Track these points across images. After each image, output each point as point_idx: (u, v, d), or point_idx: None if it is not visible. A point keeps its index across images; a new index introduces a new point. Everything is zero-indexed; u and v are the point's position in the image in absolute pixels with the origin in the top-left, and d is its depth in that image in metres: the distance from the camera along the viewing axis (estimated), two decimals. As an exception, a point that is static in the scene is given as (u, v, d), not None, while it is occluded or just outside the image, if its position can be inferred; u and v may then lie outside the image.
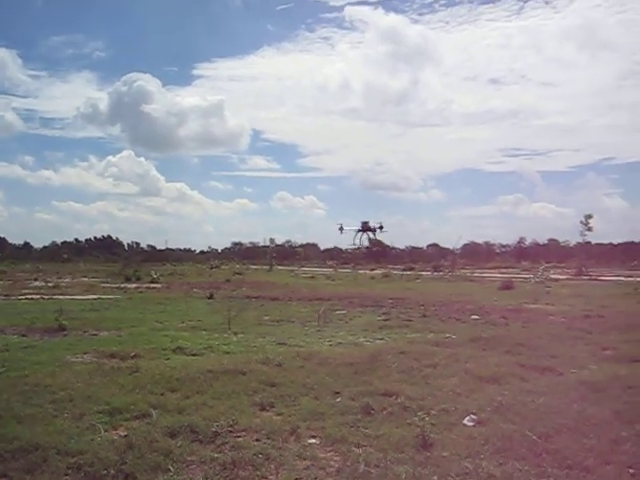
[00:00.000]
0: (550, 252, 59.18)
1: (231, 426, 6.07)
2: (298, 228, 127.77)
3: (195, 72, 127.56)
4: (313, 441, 5.83)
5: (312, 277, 37.05)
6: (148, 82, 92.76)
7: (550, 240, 68.25)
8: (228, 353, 10.07)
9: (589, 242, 41.29)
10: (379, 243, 70.01)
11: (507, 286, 24.65)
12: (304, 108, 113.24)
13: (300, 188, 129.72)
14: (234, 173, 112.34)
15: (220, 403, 6.92)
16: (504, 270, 43.21)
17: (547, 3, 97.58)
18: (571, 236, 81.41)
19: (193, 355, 9.95)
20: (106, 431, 5.93)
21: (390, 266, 49.70)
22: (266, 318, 15.25)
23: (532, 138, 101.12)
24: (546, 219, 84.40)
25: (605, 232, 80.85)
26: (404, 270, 43.67)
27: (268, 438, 5.85)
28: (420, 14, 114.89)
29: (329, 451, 5.57)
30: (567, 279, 31.56)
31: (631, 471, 5.00)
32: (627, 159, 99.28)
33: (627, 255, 56.18)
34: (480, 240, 68.21)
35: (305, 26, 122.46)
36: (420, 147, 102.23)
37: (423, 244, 78.69)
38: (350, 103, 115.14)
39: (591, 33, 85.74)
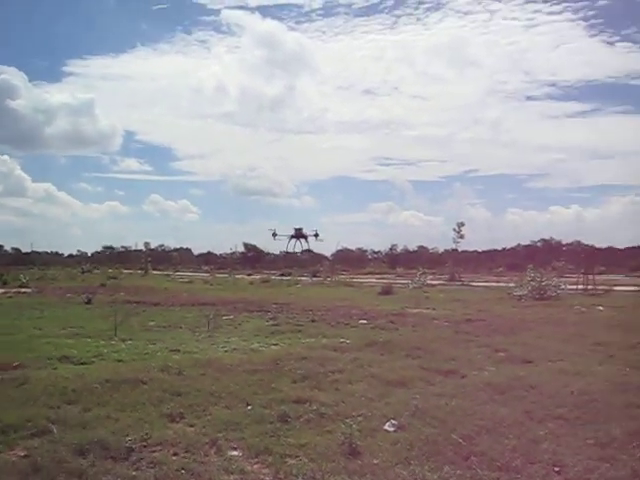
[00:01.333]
0: (420, 258, 62.17)
1: (144, 440, 5.69)
2: (171, 232, 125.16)
3: (66, 68, 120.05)
4: (235, 453, 5.59)
5: (190, 282, 36.35)
6: (13, 76, 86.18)
7: (420, 247, 72.10)
8: (120, 361, 9.59)
9: (456, 250, 43.70)
10: (254, 248, 70.15)
11: (387, 291, 25.46)
12: (179, 110, 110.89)
13: (173, 192, 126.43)
14: (105, 175, 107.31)
15: (126, 415, 6.49)
16: (379, 276, 44.82)
17: (419, 20, 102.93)
18: (439, 243, 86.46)
19: (82, 364, 9.38)
20: (1, 452, 5.31)
21: (266, 271, 49.77)
22: (152, 324, 14.71)
23: (403, 148, 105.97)
24: (416, 226, 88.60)
25: (469, 240, 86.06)
26: (281, 275, 43.95)
27: (187, 452, 5.55)
28: (297, 22, 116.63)
29: (255, 463, 5.37)
30: (441, 284, 33.28)
31: (556, 469, 5.24)
32: (490, 171, 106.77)
33: (492, 261, 60.50)
34: (353, 246, 70.51)
35: (182, 28, 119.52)
36: (295, 154, 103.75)
37: (297, 249, 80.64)
38: (225, 107, 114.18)
39: (459, 51, 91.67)
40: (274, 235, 56.93)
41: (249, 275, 45.25)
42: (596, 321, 15.72)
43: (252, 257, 69.05)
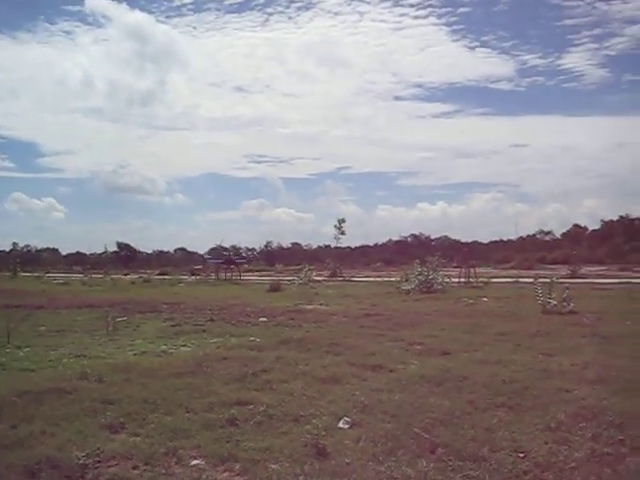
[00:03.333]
0: (295, 255, 62.86)
1: (95, 455, 5.29)
2: (35, 232, 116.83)
3: None
4: (198, 462, 5.35)
5: (66, 283, 34.27)
6: None
7: (294, 244, 72.97)
8: (27, 370, 8.89)
9: (338, 246, 44.62)
10: (127, 247, 67.47)
11: (275, 288, 25.50)
12: (43, 104, 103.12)
13: (38, 189, 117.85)
14: None
15: (62, 429, 6.01)
16: (258, 273, 44.78)
17: (290, 18, 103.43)
18: (311, 239, 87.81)
19: None
20: None
21: (141, 270, 48.10)
22: (43, 329, 13.74)
23: (275, 146, 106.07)
24: (288, 223, 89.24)
25: (340, 237, 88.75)
26: (160, 274, 42.63)
27: (147, 464, 5.23)
28: (167, 16, 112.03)
29: (223, 471, 5.17)
30: (324, 280, 33.85)
31: (521, 455, 5.51)
32: (361, 169, 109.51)
33: (365, 257, 62.42)
34: (227, 244, 69.97)
35: (44, 17, 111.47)
36: (166, 150, 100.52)
37: (170, 248, 79.21)
38: (93, 102, 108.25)
39: (329, 50, 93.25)
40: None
41: (126, 275, 43.54)
42: (488, 312, 16.65)
43: (125, 256, 66.57)
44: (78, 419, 6.41)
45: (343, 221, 42.37)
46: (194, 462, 5.32)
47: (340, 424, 6.35)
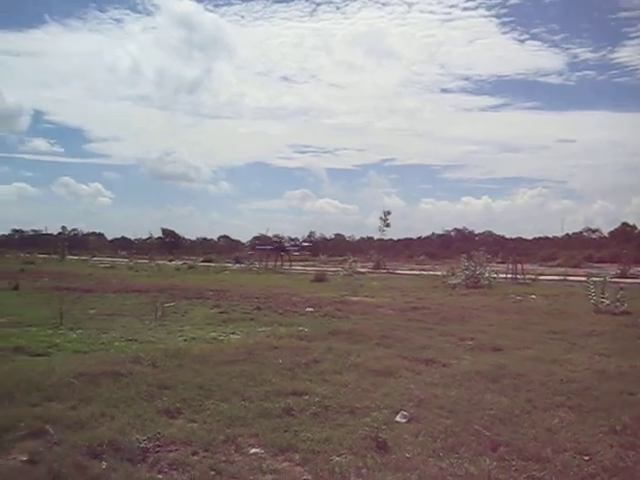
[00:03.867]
0: (338, 246, 62.91)
1: (156, 439, 5.34)
2: (82, 216, 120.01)
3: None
4: (257, 450, 5.35)
5: (112, 267, 35.02)
6: None
7: (336, 235, 73.02)
8: (80, 352, 9.05)
9: (382, 238, 44.39)
10: (172, 233, 68.50)
11: (320, 279, 25.51)
12: (92, 91, 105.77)
13: (85, 174, 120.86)
14: (11, 155, 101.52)
15: (121, 412, 6.08)
16: (302, 263, 44.85)
17: (338, 9, 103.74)
18: (354, 231, 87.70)
19: (39, 355, 8.84)
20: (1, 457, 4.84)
21: (186, 257, 48.76)
22: (93, 312, 14.05)
23: (321, 136, 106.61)
24: (331, 214, 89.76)
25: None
26: (204, 262, 43.14)
27: (206, 450, 5.26)
28: (216, 5, 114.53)
29: (283, 461, 5.16)
30: (369, 272, 33.77)
31: (586, 458, 5.37)
32: (405, 161, 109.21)
33: (408, 250, 62.07)
34: (270, 233, 70.19)
35: (95, 4, 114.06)
36: (211, 138, 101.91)
37: (213, 236, 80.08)
38: (141, 89, 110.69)
39: (377, 41, 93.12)
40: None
41: (171, 261, 44.20)
42: (537, 309, 16.37)
43: (170, 242, 67.47)
44: (135, 403, 6.47)
45: (389, 213, 42.19)
46: (253, 450, 5.33)
47: (397, 418, 6.29)
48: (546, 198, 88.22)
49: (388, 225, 41.38)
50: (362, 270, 33.24)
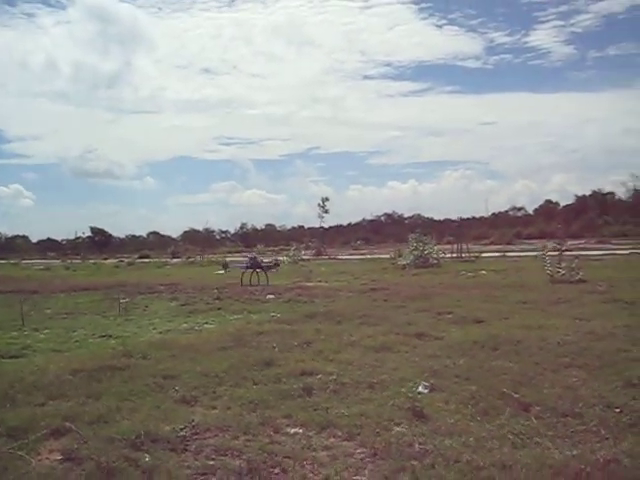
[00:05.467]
0: (270, 236, 62.77)
1: (190, 428, 5.19)
2: (3, 219, 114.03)
3: None
4: (297, 430, 5.27)
5: (47, 269, 33.60)
6: None
7: (267, 225, 72.83)
8: (58, 351, 8.81)
9: (302, 226, 44.53)
10: (101, 232, 66.53)
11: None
12: (5, 88, 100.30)
13: (4, 176, 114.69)
14: None
15: (138, 405, 5.88)
16: (239, 254, 44.49)
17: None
18: (284, 220, 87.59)
19: (14, 357, 8.46)
20: (26, 458, 4.57)
21: (118, 255, 47.52)
22: (49, 312, 13.56)
23: (245, 127, 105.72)
24: (259, 205, 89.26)
25: (311, 217, 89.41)
26: (140, 258, 42.12)
27: (246, 434, 5.13)
28: None
29: (329, 437, 5.08)
30: (311, 259, 33.85)
31: (617, 410, 5.56)
32: (331, 149, 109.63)
33: (341, 236, 62.55)
34: (199, 227, 69.49)
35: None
36: (134, 134, 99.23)
37: (142, 232, 78.01)
38: (58, 85, 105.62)
39: (297, 30, 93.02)
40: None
41: (105, 259, 42.90)
42: (494, 284, 16.80)
43: (100, 241, 65.51)
44: (148, 395, 6.27)
45: (327, 200, 42.44)
46: (293, 430, 5.23)
47: (420, 389, 6.31)
48: (470, 179, 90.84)
49: (327, 212, 41.58)
50: (306, 257, 33.30)
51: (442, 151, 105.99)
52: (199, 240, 53.66)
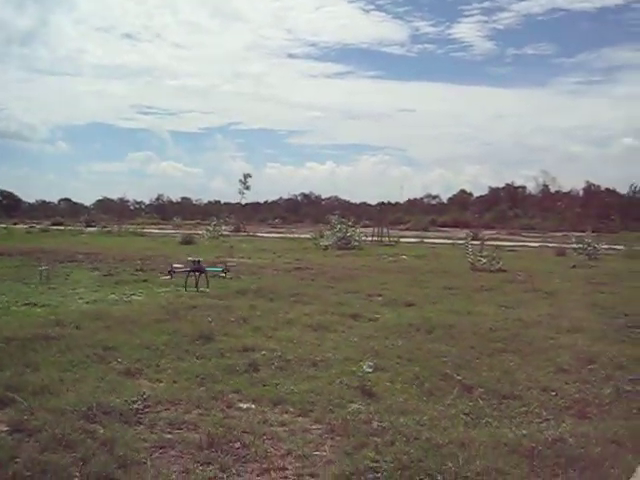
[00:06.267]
0: (185, 210, 61.74)
1: (141, 400, 5.12)
2: None
3: None
4: (249, 405, 5.28)
5: None
6: None
7: (183, 198, 71.48)
8: None
9: (219, 201, 44.11)
10: (10, 195, 63.11)
11: (188, 241, 25.17)
12: None
13: None
14: None
15: (81, 376, 5.77)
16: (156, 227, 43.47)
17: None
18: (200, 194, 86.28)
19: None
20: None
21: (28, 220, 45.44)
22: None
23: (165, 97, 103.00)
24: (175, 177, 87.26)
25: (228, 192, 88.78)
26: (53, 225, 40.44)
27: (198, 407, 5.12)
28: None
29: (283, 413, 5.13)
30: (231, 235, 33.59)
31: (553, 393, 5.89)
32: (251, 125, 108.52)
33: (257, 213, 62.30)
34: (114, 196, 67.30)
35: None
36: (48, 95, 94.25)
37: (52, 198, 74.46)
38: None
39: (223, 2, 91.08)
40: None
41: (15, 224, 40.89)
42: (416, 269, 17.23)
43: (8, 205, 62.18)
44: (90, 366, 6.16)
45: (249, 176, 42.15)
46: (245, 406, 5.25)
47: (365, 368, 6.44)
48: (387, 165, 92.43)
49: (248, 188, 41.29)
50: (225, 233, 33.03)
51: (361, 135, 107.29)
52: (113, 210, 52.20)
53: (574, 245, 22.08)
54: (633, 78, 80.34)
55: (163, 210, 63.68)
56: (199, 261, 12.26)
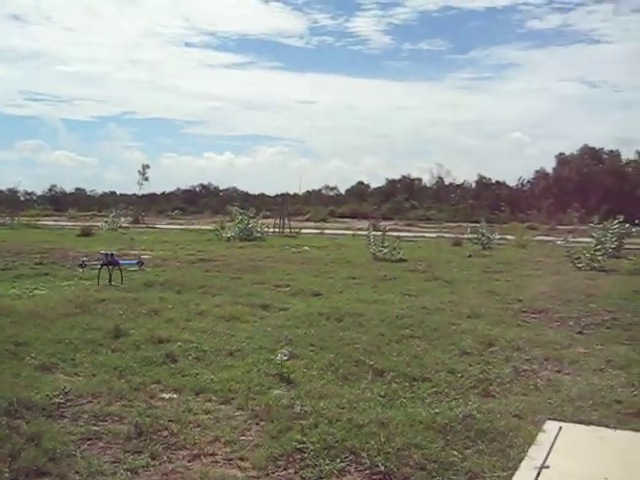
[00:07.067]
0: (79, 201, 59.50)
1: (62, 395, 5.11)
2: None
3: None
4: (172, 395, 5.38)
5: None
6: None
7: (77, 189, 68.64)
8: None
9: (114, 192, 43.10)
10: None
11: (87, 233, 24.46)
12: None
13: None
14: None
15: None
16: (49, 218, 41.61)
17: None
18: (94, 185, 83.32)
19: None
20: None
21: None
22: None
23: (56, 84, 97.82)
24: (68, 167, 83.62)
25: (124, 183, 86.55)
26: None
27: (121, 399, 5.17)
28: None
29: (205, 402, 5.27)
30: (130, 226, 32.81)
31: (459, 375, 6.32)
32: (147, 114, 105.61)
33: (155, 205, 60.91)
34: (2, 187, 63.68)
35: None
36: None
37: None
38: None
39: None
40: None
41: None
42: (320, 259, 17.50)
43: None
44: (1, 362, 6.07)
45: (147, 167, 41.30)
46: (168, 396, 5.35)
47: (280, 356, 6.62)
48: (286, 156, 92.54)
49: (147, 179, 40.43)
50: (125, 225, 32.25)
51: (260, 126, 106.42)
52: (2, 201, 49.51)
53: (469, 235, 23.13)
54: (521, 76, 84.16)
55: (57, 201, 61.14)
56: (112, 254, 12.01)
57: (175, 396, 5.35)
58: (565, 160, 59.90)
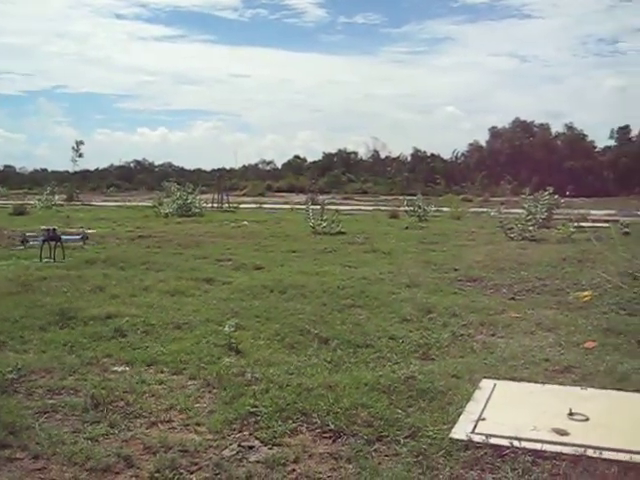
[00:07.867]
0: (9, 178, 57.41)
1: (17, 370, 5.16)
2: None
3: None
4: (124, 368, 5.50)
5: None
6: None
7: (6, 166, 66.11)
8: None
9: (46, 169, 42.01)
10: None
11: (21, 211, 23.83)
12: None
13: None
14: None
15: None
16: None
17: None
18: (23, 162, 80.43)
19: None
20: None
21: None
22: None
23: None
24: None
25: (55, 160, 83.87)
26: None
27: (73, 373, 5.26)
28: None
29: (157, 373, 5.41)
30: (64, 204, 32.07)
31: (400, 340, 6.64)
32: (78, 89, 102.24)
33: (88, 182, 59.40)
34: None
35: None
36: None
37: None
38: None
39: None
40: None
41: None
42: (259, 234, 17.59)
43: None
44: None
45: (81, 143, 40.35)
46: (120, 369, 5.46)
47: (226, 328, 6.77)
48: (221, 131, 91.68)
49: (81, 155, 39.45)
50: (60, 203, 31.51)
51: (194, 100, 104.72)
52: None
53: (406, 208, 23.64)
54: (454, 50, 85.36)
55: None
56: (54, 229, 11.84)
57: (127, 369, 5.46)
58: (498, 133, 61.37)
